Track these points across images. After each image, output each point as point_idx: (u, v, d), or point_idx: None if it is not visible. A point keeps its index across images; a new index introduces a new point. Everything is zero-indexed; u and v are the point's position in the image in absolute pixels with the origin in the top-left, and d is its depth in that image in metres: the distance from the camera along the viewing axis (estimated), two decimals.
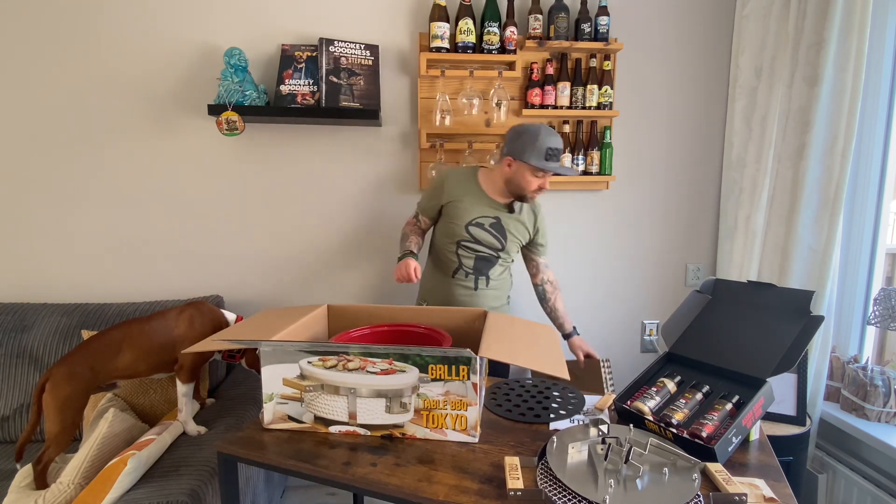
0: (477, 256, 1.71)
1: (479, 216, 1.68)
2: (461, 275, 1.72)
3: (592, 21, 2.01)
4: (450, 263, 1.73)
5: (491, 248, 1.71)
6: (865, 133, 1.77)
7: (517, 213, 1.72)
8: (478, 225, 1.68)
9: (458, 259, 1.71)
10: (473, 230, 1.68)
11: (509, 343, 1.13)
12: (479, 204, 1.69)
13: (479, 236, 1.69)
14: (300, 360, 1.09)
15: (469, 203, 1.68)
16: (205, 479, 1.32)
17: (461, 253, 1.71)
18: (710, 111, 2.23)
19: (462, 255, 1.71)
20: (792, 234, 1.86)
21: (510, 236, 1.71)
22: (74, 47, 1.91)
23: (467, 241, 1.69)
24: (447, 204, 1.70)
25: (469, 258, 1.71)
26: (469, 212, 1.68)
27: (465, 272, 1.72)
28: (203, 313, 1.60)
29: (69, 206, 1.99)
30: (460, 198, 1.68)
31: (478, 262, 1.72)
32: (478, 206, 1.68)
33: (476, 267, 1.72)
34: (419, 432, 1.09)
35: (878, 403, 1.59)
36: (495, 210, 1.70)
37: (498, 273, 1.76)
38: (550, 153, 1.56)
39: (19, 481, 1.34)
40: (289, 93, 1.91)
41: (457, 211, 1.68)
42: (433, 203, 1.73)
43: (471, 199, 1.68)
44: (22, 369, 1.76)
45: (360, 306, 1.46)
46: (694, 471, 0.89)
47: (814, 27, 1.78)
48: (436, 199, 1.72)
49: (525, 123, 1.62)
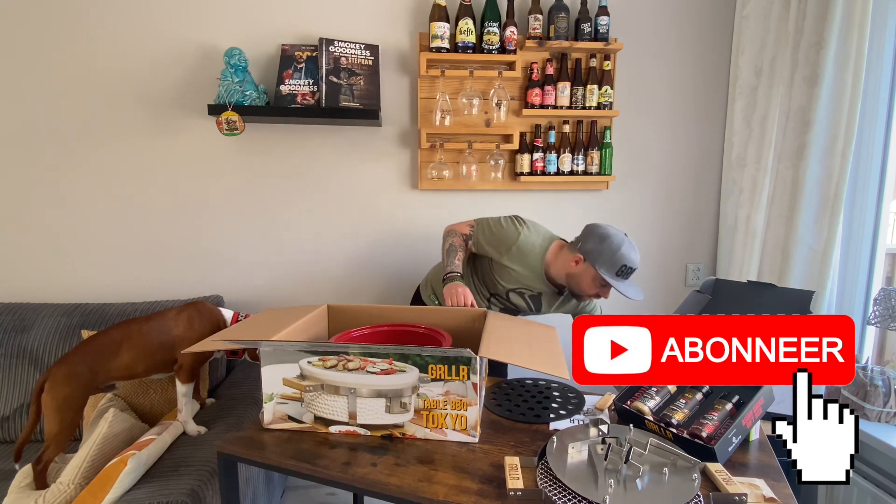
0: (504, 308, 1.69)
1: (523, 286, 1.62)
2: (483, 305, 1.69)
3: (592, 21, 2.01)
4: (477, 295, 1.68)
5: (520, 311, 1.69)
6: (865, 133, 1.77)
7: (563, 297, 1.65)
8: (519, 294, 1.64)
9: (488, 303, 1.69)
10: (513, 296, 1.65)
11: (509, 343, 1.13)
12: (529, 277, 1.59)
13: (514, 301, 1.66)
14: (300, 360, 1.09)
15: (521, 276, 1.59)
16: (205, 479, 1.31)
17: (492, 301, 1.69)
18: (710, 111, 2.23)
19: (492, 303, 1.69)
20: (792, 234, 1.86)
21: (545, 307, 1.68)
22: (74, 47, 1.91)
23: (501, 297, 1.67)
24: (499, 261, 1.59)
25: (496, 307, 1.70)
26: (517, 281, 1.60)
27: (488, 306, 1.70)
28: (202, 313, 1.60)
29: (69, 206, 1.99)
30: (517, 268, 1.58)
31: (504, 311, 1.68)
32: (527, 279, 1.60)
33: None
34: (419, 432, 1.09)
35: (878, 403, 1.59)
36: (543, 287, 1.61)
37: None
38: (624, 270, 1.47)
39: (19, 481, 1.34)
40: (289, 93, 1.90)
41: (507, 274, 1.59)
42: (493, 250, 1.59)
43: (526, 274, 1.58)
44: (22, 369, 1.76)
45: (359, 306, 1.46)
46: (694, 471, 0.89)
47: (814, 27, 1.78)
48: (498, 251, 1.58)
49: (610, 228, 1.52)
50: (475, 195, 2.15)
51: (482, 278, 1.68)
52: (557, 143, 2.09)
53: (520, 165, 2.07)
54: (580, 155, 2.08)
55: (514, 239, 1.57)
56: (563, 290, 1.63)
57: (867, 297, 1.82)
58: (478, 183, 2.08)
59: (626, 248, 1.48)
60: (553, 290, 1.64)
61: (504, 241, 1.58)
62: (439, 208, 2.13)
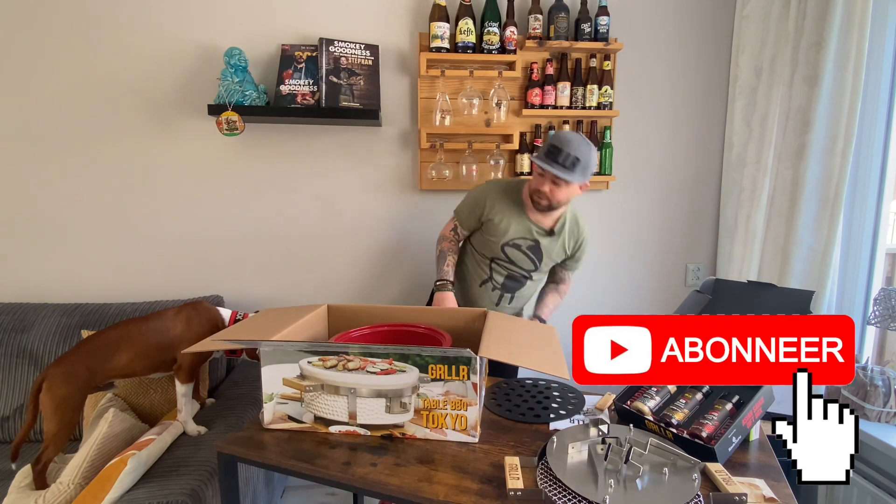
0: (509, 274, 1.69)
1: (517, 237, 1.63)
2: (489, 287, 1.70)
3: (592, 21, 2.01)
4: (481, 273, 1.70)
5: (524, 269, 1.69)
6: (865, 133, 1.77)
7: (557, 236, 1.65)
8: (515, 246, 1.64)
9: (490, 272, 1.69)
10: (510, 251, 1.65)
11: (509, 343, 1.13)
12: (518, 225, 1.62)
13: (514, 257, 1.66)
14: (300, 360, 1.09)
15: (508, 223, 1.62)
16: (205, 479, 1.31)
17: (494, 267, 1.69)
18: (710, 111, 2.23)
19: (495, 270, 1.69)
20: (792, 234, 1.86)
21: (546, 259, 1.68)
22: (74, 47, 1.91)
23: (502, 259, 1.67)
24: (486, 221, 1.64)
25: (501, 274, 1.69)
26: (507, 232, 1.62)
27: (493, 286, 1.70)
28: (200, 313, 1.60)
29: (69, 206, 1.99)
30: (501, 216, 1.62)
31: (508, 281, 1.70)
32: (516, 228, 1.62)
33: (505, 284, 1.70)
34: (419, 432, 1.09)
35: (878, 403, 1.59)
36: (536, 233, 1.63)
37: (524, 292, 1.75)
38: (551, 150, 1.47)
39: (19, 481, 1.34)
40: (289, 93, 1.90)
41: (496, 228, 1.62)
42: (474, 216, 1.66)
43: (510, 220, 1.62)
44: (22, 369, 1.76)
45: (360, 306, 1.46)
46: (694, 471, 0.89)
47: (814, 27, 1.78)
48: (477, 213, 1.65)
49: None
50: None
51: (479, 247, 1.70)
52: None
53: (520, 165, 2.07)
54: None
55: (486, 191, 1.66)
56: (553, 229, 1.65)
57: (867, 297, 1.82)
58: (478, 183, 2.08)
59: (558, 134, 1.52)
60: (543, 231, 1.64)
61: (478, 199, 1.65)
62: (439, 208, 2.13)
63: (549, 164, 1.46)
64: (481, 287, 1.71)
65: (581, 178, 1.50)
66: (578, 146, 1.47)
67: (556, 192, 1.51)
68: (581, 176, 1.49)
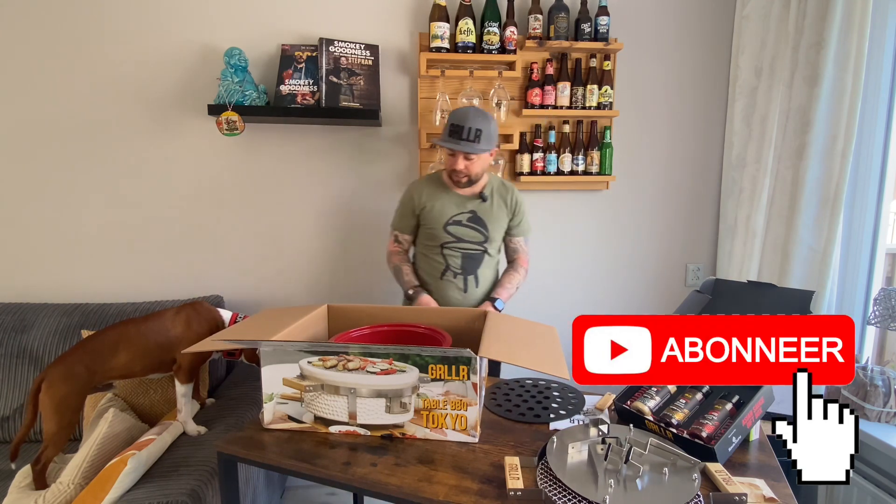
0: (463, 255, 1.71)
1: (454, 214, 1.68)
2: (450, 275, 1.72)
3: (592, 21, 2.01)
4: (437, 265, 1.72)
5: (475, 242, 1.71)
6: (865, 133, 1.77)
7: (489, 200, 1.70)
8: (456, 223, 1.68)
9: (445, 259, 1.71)
10: (453, 229, 1.68)
11: (509, 343, 1.13)
12: (450, 203, 1.69)
13: (460, 234, 1.69)
14: (300, 360, 1.09)
15: (441, 204, 1.69)
16: (205, 479, 1.31)
17: (447, 253, 1.71)
18: (710, 111, 2.23)
19: (448, 255, 1.71)
20: (792, 234, 1.86)
21: (491, 224, 1.71)
22: (74, 47, 1.91)
23: (450, 241, 1.69)
24: (421, 212, 1.70)
25: (455, 257, 1.71)
26: (443, 213, 1.68)
27: (454, 272, 1.71)
28: (200, 313, 1.60)
29: (69, 206, 1.99)
30: (431, 202, 1.69)
31: (465, 262, 1.71)
32: (450, 206, 1.69)
33: (464, 266, 1.71)
34: (419, 432, 1.09)
35: (878, 403, 1.59)
36: (468, 204, 1.69)
37: (487, 272, 1.75)
38: (453, 129, 1.56)
39: (19, 481, 1.34)
40: (289, 93, 1.90)
41: (432, 215, 1.69)
42: (409, 215, 1.73)
43: (441, 201, 1.69)
44: (22, 369, 1.76)
45: (359, 306, 1.46)
46: (694, 471, 0.89)
47: (814, 27, 1.78)
48: (410, 210, 1.72)
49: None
50: None
51: (426, 241, 1.74)
52: (557, 143, 2.09)
53: (520, 165, 2.07)
54: (580, 155, 2.08)
55: (410, 189, 1.74)
56: (482, 194, 1.70)
57: (867, 297, 1.82)
58: None
59: (454, 113, 1.59)
60: (476, 199, 1.70)
61: (406, 199, 1.74)
62: None
63: (455, 142, 1.56)
64: (443, 279, 1.72)
65: (488, 146, 1.60)
66: (475, 118, 1.56)
67: (472, 167, 1.61)
68: (487, 144, 1.58)
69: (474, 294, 1.74)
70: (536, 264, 2.25)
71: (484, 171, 1.67)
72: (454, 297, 1.72)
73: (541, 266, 2.26)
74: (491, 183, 1.73)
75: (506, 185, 1.77)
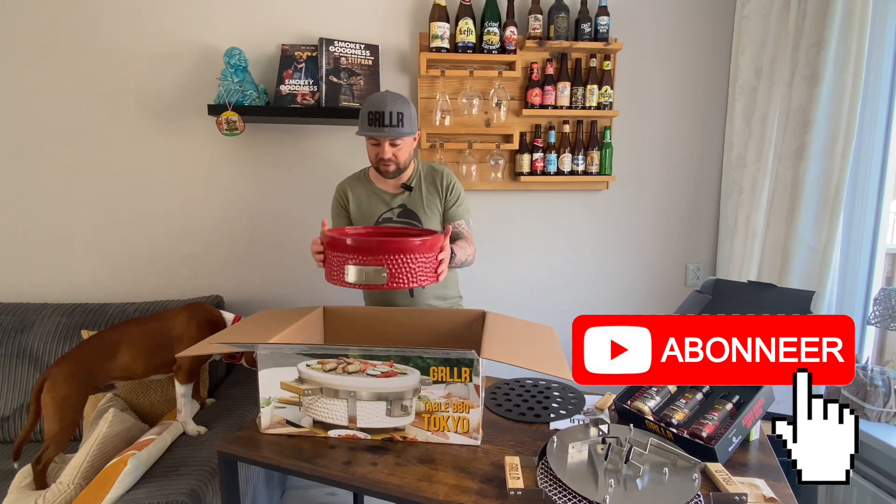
0: None
1: (382, 213, 1.62)
2: None
3: (592, 21, 2.01)
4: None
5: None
6: (865, 133, 1.77)
7: (417, 188, 1.63)
8: (386, 221, 1.62)
9: None
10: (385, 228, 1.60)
11: (510, 344, 1.13)
12: (377, 201, 1.62)
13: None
14: (298, 364, 1.08)
15: (368, 202, 1.63)
16: (205, 479, 1.31)
17: None
18: (710, 111, 2.23)
19: None
20: (792, 234, 1.86)
21: (423, 214, 1.62)
22: (74, 47, 1.91)
23: None
24: (351, 213, 1.64)
25: None
26: (371, 212, 1.62)
27: None
28: (201, 314, 1.60)
29: (69, 206, 1.99)
30: (358, 200, 1.63)
31: None
32: (377, 204, 1.62)
33: None
34: (420, 435, 1.08)
35: (878, 403, 1.59)
36: (396, 199, 1.62)
37: None
38: (373, 117, 1.48)
39: (19, 481, 1.34)
40: (289, 93, 1.90)
41: (361, 214, 1.63)
42: (341, 216, 1.66)
43: (369, 198, 1.63)
44: (22, 369, 1.76)
45: (356, 308, 1.46)
46: (694, 471, 0.89)
47: (814, 27, 1.78)
48: (339, 210, 1.66)
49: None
50: (475, 195, 2.14)
51: None
52: (557, 143, 2.09)
53: (520, 165, 2.07)
54: (580, 155, 2.08)
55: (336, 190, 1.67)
56: (408, 185, 1.62)
57: (867, 297, 1.82)
58: (478, 183, 2.08)
59: (369, 100, 1.51)
60: (402, 193, 1.63)
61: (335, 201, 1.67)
62: None
63: (379, 130, 1.48)
64: None
65: (412, 130, 1.53)
66: (395, 102, 1.49)
67: (399, 153, 1.54)
68: (411, 127, 1.52)
69: (422, 293, 1.64)
70: (536, 264, 2.26)
71: (410, 157, 1.59)
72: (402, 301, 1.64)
73: (541, 266, 2.26)
74: (418, 170, 1.65)
75: (435, 168, 1.67)
